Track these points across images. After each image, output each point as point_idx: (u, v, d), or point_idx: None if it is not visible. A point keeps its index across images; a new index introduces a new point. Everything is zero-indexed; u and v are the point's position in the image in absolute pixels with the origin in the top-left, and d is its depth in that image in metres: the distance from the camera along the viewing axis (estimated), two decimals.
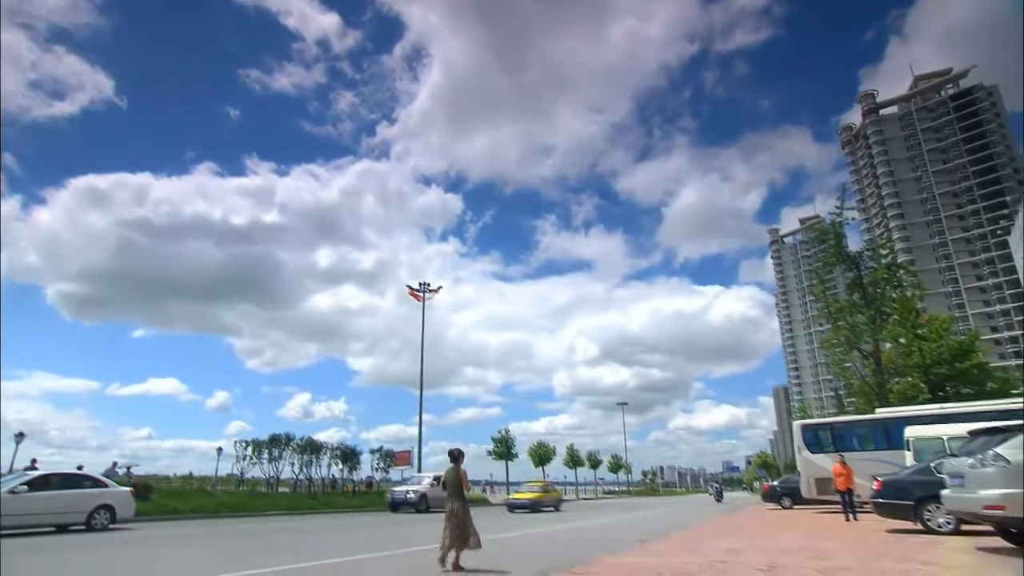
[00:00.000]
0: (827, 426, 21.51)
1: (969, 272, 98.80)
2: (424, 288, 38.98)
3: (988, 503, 7.56)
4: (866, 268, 28.56)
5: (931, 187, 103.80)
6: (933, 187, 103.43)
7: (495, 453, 41.99)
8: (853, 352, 28.62)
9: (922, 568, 6.64)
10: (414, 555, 9.02)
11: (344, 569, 7.82)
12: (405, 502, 24.05)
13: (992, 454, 7.71)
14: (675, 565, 7.23)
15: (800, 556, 8.00)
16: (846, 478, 15.68)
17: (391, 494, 25.39)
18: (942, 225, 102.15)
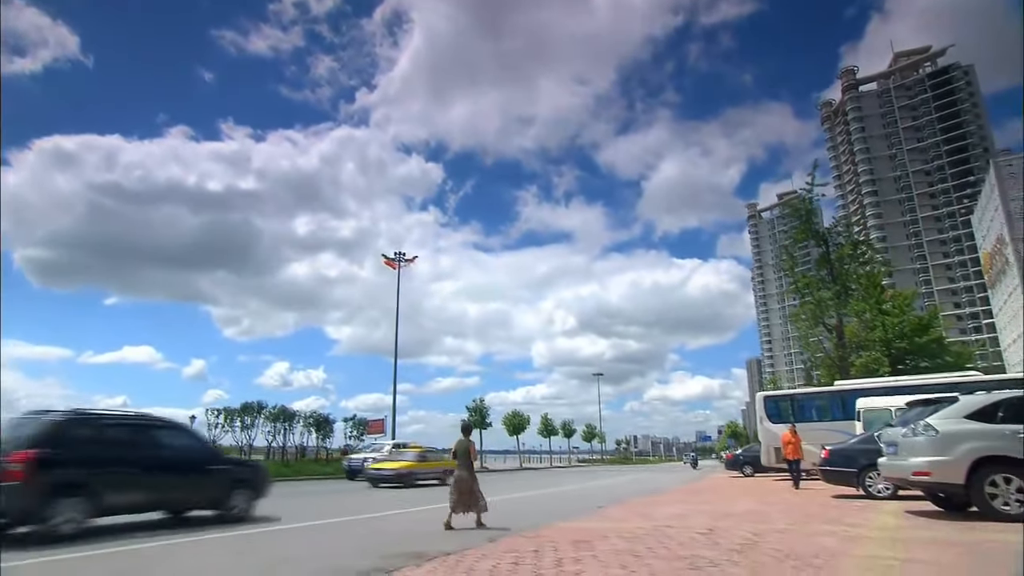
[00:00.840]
0: (788, 397, 22.23)
1: (937, 249, 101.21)
2: (399, 257, 38.81)
3: (916, 469, 8.00)
4: (834, 244, 29.17)
5: (905, 165, 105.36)
6: (907, 165, 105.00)
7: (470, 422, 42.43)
8: (818, 326, 29.41)
9: (848, 529, 7.04)
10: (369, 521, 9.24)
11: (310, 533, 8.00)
12: (362, 470, 23.15)
13: (923, 424, 8.12)
14: (623, 529, 7.55)
15: (742, 520, 8.40)
16: (794, 447, 15.97)
17: (347, 462, 24.67)
18: (914, 203, 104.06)
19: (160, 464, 8.43)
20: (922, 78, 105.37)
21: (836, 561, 5.02)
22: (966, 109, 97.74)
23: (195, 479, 8.93)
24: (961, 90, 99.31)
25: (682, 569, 4.75)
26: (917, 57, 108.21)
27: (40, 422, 7.63)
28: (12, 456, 6.85)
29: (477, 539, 6.94)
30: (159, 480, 8.36)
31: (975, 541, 5.97)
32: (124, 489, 7.89)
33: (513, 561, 5.32)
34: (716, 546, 5.91)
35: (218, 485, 9.13)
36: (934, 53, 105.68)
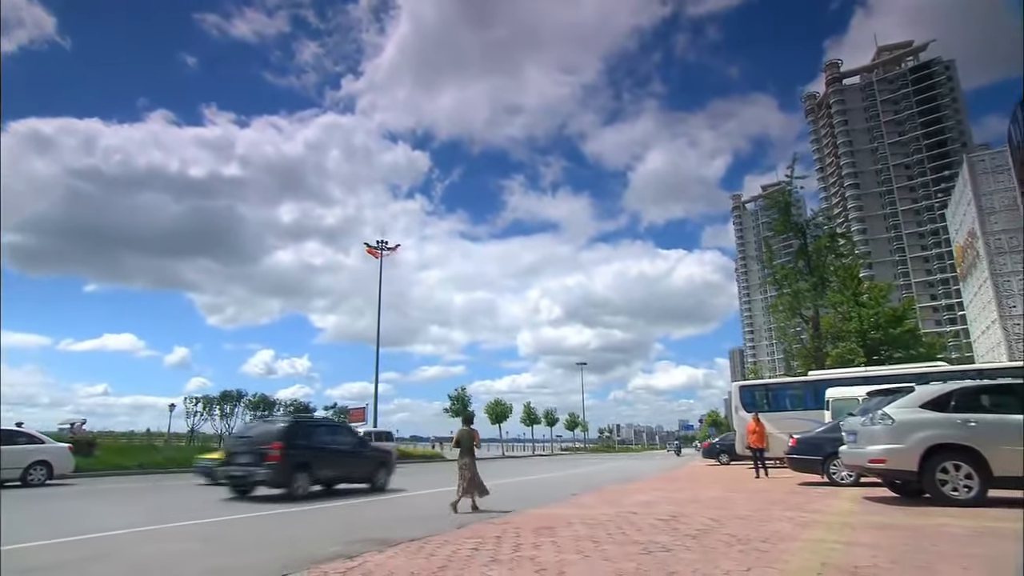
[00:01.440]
0: (762, 387, 22.63)
1: (915, 242, 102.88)
2: (381, 246, 38.67)
3: (872, 457, 8.26)
4: (812, 237, 29.58)
5: (886, 158, 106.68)
6: (888, 159, 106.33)
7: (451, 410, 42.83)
8: (795, 317, 29.89)
9: (805, 515, 7.27)
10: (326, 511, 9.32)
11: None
12: None
13: (880, 413, 8.37)
14: (588, 515, 7.71)
15: (706, 507, 8.61)
16: (758, 436, 15.94)
17: None
18: (894, 196, 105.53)
19: (341, 452, 12.21)
20: (904, 72, 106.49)
21: (783, 545, 5.20)
22: (946, 104, 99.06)
23: (359, 462, 12.60)
24: (942, 85, 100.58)
25: (635, 554, 4.90)
26: (900, 51, 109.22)
27: (280, 425, 11.65)
28: (272, 445, 10.62)
29: (447, 524, 7.08)
30: (342, 462, 12.10)
31: (919, 525, 6.20)
32: (326, 468, 11.62)
33: (474, 547, 5.44)
34: (674, 532, 6.08)
35: (370, 465, 12.83)
36: (916, 48, 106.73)
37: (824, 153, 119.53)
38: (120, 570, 5.08)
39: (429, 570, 4.48)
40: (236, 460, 10.91)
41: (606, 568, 4.37)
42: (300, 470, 10.78)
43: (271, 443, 10.65)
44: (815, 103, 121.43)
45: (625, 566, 4.42)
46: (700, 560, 4.57)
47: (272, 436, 10.92)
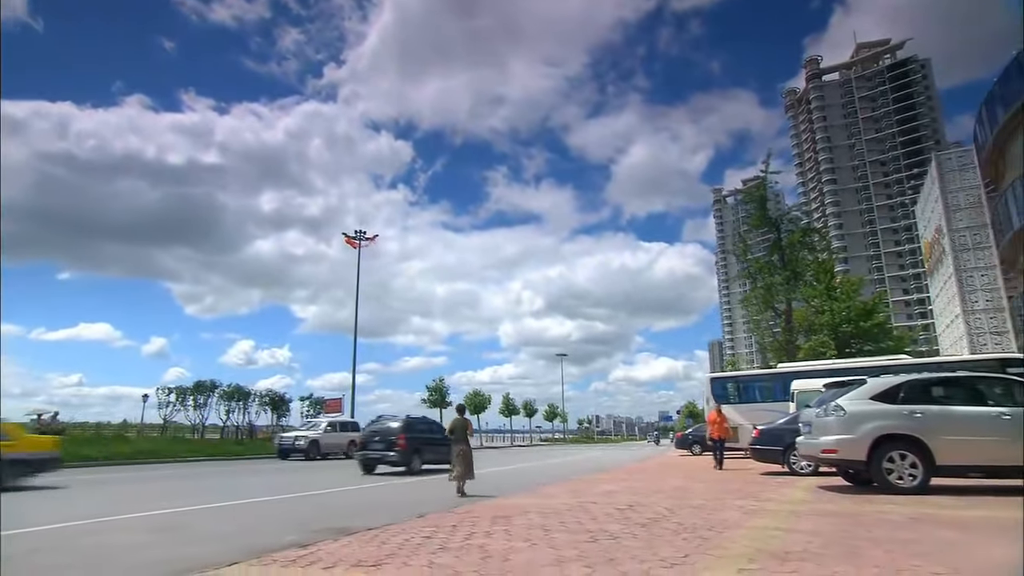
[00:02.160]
0: (734, 379, 23.05)
1: (889, 238, 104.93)
2: (360, 236, 38.41)
3: (825, 447, 8.51)
4: (785, 231, 30.04)
5: (863, 155, 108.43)
6: (865, 155, 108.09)
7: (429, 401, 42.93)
8: (768, 310, 30.39)
9: (757, 504, 7.48)
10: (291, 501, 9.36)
11: None
12: (294, 449, 22.73)
13: (833, 405, 8.62)
14: (548, 505, 7.85)
15: (666, 496, 8.80)
16: (719, 426, 15.79)
17: (279, 440, 23.93)
18: (869, 192, 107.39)
19: (434, 441, 15.41)
20: (881, 70, 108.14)
21: (727, 532, 5.37)
22: (921, 102, 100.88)
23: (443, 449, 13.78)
24: (917, 83, 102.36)
25: (582, 542, 5.02)
26: (878, 49, 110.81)
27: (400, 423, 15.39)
28: (399, 436, 14.82)
29: (407, 513, 7.17)
30: (436, 450, 15.05)
31: (860, 512, 6.44)
32: (429, 453, 15.30)
33: (428, 535, 5.53)
34: (626, 521, 6.23)
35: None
36: (893, 46, 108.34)
37: (803, 148, 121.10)
38: (65, 562, 5.06)
39: (377, 557, 4.56)
40: (371, 446, 15.22)
41: (550, 555, 4.49)
42: (415, 454, 15.09)
43: (398, 435, 14.93)
44: (795, 99, 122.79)
45: (568, 553, 4.54)
46: (643, 547, 4.70)
47: (397, 430, 15.11)
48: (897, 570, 3.75)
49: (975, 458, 7.95)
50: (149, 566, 4.63)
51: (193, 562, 4.49)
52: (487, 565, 4.22)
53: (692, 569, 3.91)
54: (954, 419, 8.02)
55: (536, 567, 4.11)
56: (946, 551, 4.35)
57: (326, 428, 23.64)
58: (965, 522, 5.70)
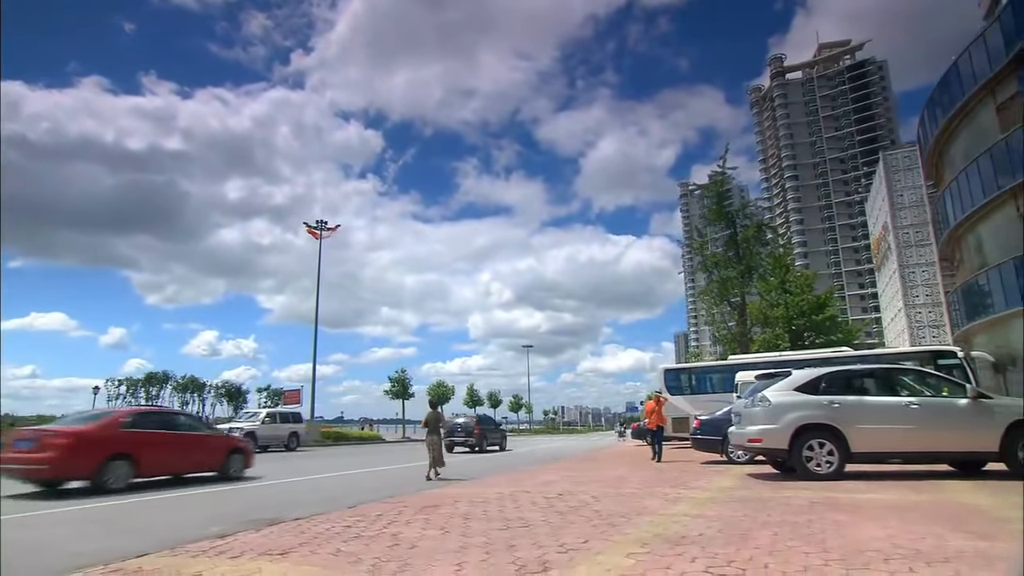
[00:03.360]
0: (686, 370, 23.61)
1: (847, 233, 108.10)
2: (321, 226, 37.92)
3: (750, 437, 8.88)
4: (741, 226, 30.74)
5: (823, 152, 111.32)
6: (825, 152, 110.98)
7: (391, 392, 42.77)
8: (723, 303, 31.09)
9: (682, 492, 7.77)
10: None
11: None
12: None
13: (759, 396, 8.98)
14: (480, 494, 8.01)
15: (601, 485, 9.06)
16: (657, 416, 14.92)
17: None
18: (829, 189, 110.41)
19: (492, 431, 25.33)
20: (842, 70, 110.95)
21: (638, 519, 5.59)
22: (878, 102, 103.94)
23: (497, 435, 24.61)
24: (875, 84, 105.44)
25: (494, 530, 5.18)
26: (838, 50, 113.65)
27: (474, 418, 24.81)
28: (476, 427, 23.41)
29: (343, 503, 7.25)
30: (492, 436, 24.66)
31: (770, 498, 6.76)
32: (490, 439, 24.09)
33: (348, 524, 5.62)
34: (548, 509, 6.42)
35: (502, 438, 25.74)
36: (853, 47, 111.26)
37: (767, 145, 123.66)
38: None
39: (288, 546, 4.64)
40: (456, 435, 22.77)
41: (457, 543, 4.63)
42: (485, 439, 23.42)
43: (475, 426, 23.48)
44: (760, 96, 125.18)
45: (475, 540, 4.70)
46: (549, 534, 4.89)
47: (473, 424, 23.68)
48: (771, 551, 4.00)
49: (885, 445, 8.40)
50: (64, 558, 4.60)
51: (109, 554, 4.50)
52: (391, 551, 4.34)
53: (586, 554, 4.09)
54: (867, 409, 8.45)
55: (438, 553, 4.25)
56: (828, 532, 4.63)
57: (264, 419, 22.85)
58: (858, 505, 6.05)
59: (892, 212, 46.84)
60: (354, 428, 38.04)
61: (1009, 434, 7.99)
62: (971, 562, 3.58)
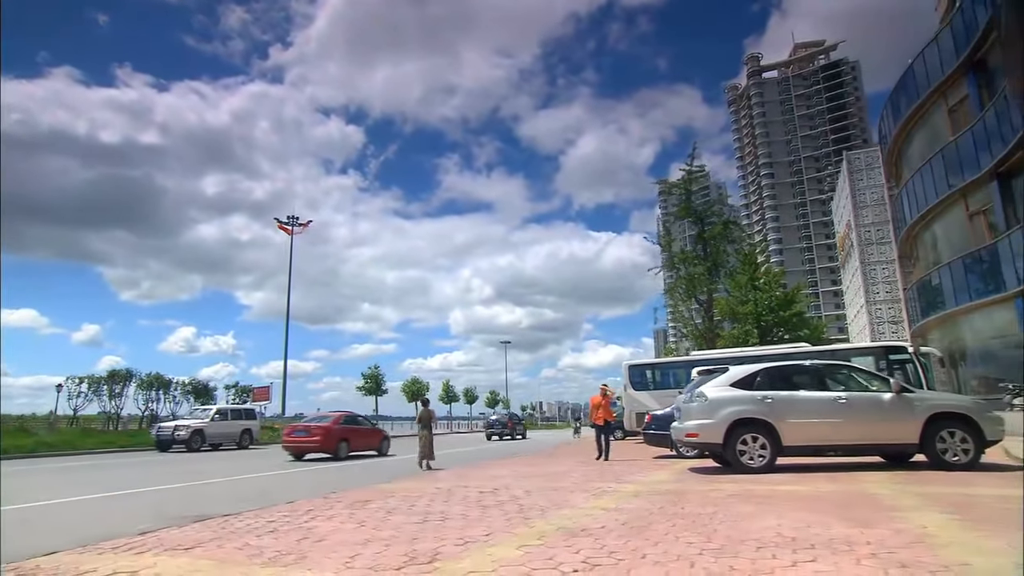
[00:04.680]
0: (650, 366, 23.93)
1: (821, 231, 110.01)
2: (293, 222, 37.61)
3: (687, 432, 9.11)
4: (708, 223, 31.16)
5: (798, 150, 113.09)
6: (799, 150, 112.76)
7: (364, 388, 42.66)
8: (691, 300, 31.54)
9: (615, 486, 7.96)
10: None
11: None
12: (173, 440, 21.00)
13: (697, 392, 9.21)
14: (417, 488, 8.14)
15: (540, 480, 9.23)
16: (604, 411, 13.72)
17: (156, 431, 21.96)
18: (803, 186, 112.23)
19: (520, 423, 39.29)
20: (816, 70, 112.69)
21: (554, 511, 5.75)
22: (851, 102, 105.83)
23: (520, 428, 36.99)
24: (848, 84, 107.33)
25: (409, 523, 5.29)
26: (813, 50, 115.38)
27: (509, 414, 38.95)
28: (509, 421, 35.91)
29: (282, 499, 7.31)
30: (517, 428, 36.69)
31: (691, 491, 6.98)
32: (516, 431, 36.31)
33: (272, 520, 5.69)
34: (475, 503, 6.56)
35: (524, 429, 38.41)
36: (827, 47, 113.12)
37: (744, 143, 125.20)
38: None
39: (202, 541, 4.71)
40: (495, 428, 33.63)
41: (366, 535, 4.74)
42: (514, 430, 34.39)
43: (508, 421, 34.85)
44: (737, 94, 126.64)
45: (384, 533, 4.81)
46: (460, 527, 5.01)
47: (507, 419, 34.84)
48: (657, 542, 4.18)
49: (815, 438, 8.69)
50: None
51: (19, 553, 4.51)
52: (297, 545, 4.43)
53: (481, 547, 4.22)
54: (799, 403, 8.73)
55: (341, 546, 4.35)
56: (725, 523, 4.82)
57: (214, 416, 22.23)
58: (771, 496, 6.28)
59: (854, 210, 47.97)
60: None
61: (928, 427, 8.33)
62: (836, 548, 3.79)
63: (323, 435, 16.36)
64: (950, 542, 3.89)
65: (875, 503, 5.69)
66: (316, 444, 16.21)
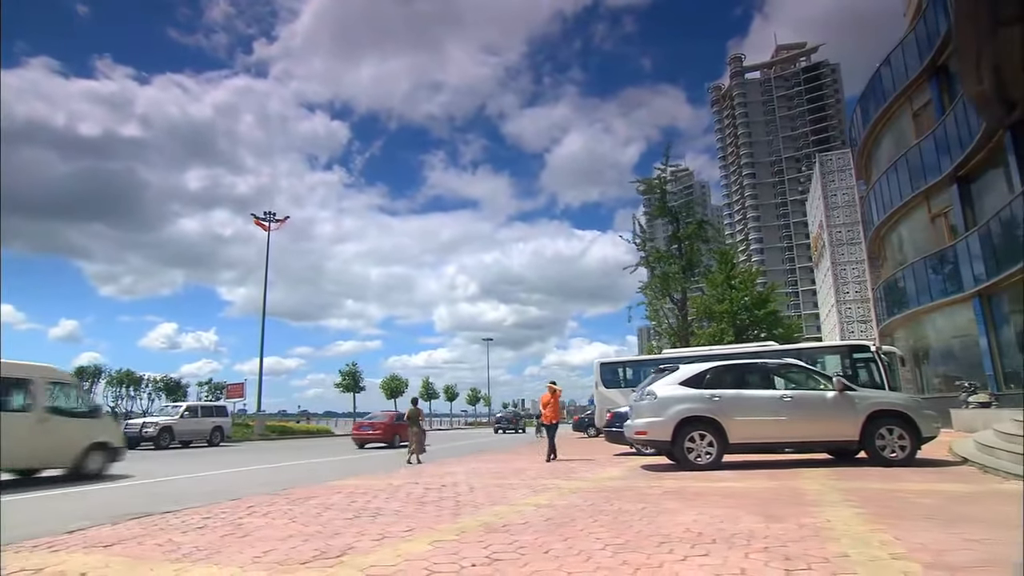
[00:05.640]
0: (621, 364, 24.08)
1: (801, 230, 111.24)
2: (269, 217, 37.26)
3: (637, 429, 9.25)
4: (683, 223, 31.44)
5: (779, 151, 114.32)
6: (781, 151, 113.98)
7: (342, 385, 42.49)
8: (665, 298, 31.80)
9: (562, 483, 8.07)
10: None
11: None
12: (141, 437, 20.61)
13: (647, 390, 9.36)
14: (364, 486, 8.17)
15: (492, 477, 9.32)
16: (552, 409, 12.68)
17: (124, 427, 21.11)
18: (784, 187, 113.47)
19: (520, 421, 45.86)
20: (798, 72, 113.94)
21: (486, 509, 5.84)
22: (831, 104, 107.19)
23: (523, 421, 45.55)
24: (828, 86, 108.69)
25: (339, 519, 5.36)
26: (795, 52, 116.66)
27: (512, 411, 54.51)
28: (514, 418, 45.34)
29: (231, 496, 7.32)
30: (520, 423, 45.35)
31: (631, 488, 7.12)
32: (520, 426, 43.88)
33: (208, 516, 5.72)
34: (415, 500, 6.64)
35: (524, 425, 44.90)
36: (809, 49, 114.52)
37: (727, 143, 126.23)
38: None
39: (126, 538, 4.73)
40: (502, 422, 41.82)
41: (289, 531, 4.79)
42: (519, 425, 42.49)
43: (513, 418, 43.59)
44: (720, 94, 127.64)
45: (309, 529, 4.87)
46: (387, 524, 5.09)
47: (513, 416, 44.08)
48: (567, 537, 4.29)
49: (761, 436, 8.89)
50: None
51: None
52: (220, 541, 4.48)
53: (395, 542, 4.31)
54: (745, 402, 8.91)
55: (261, 541, 4.40)
56: (644, 519, 4.95)
57: (184, 413, 22.12)
58: (704, 493, 6.43)
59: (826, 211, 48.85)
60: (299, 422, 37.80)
61: (868, 424, 8.55)
62: (735, 542, 3.92)
63: (383, 429, 21.26)
64: (843, 535, 4.05)
65: (799, 499, 5.86)
66: (378, 436, 21.00)
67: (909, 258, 22.11)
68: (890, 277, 23.88)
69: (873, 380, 17.80)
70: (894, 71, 21.31)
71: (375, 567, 3.53)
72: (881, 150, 23.88)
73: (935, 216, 20.40)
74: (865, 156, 25.72)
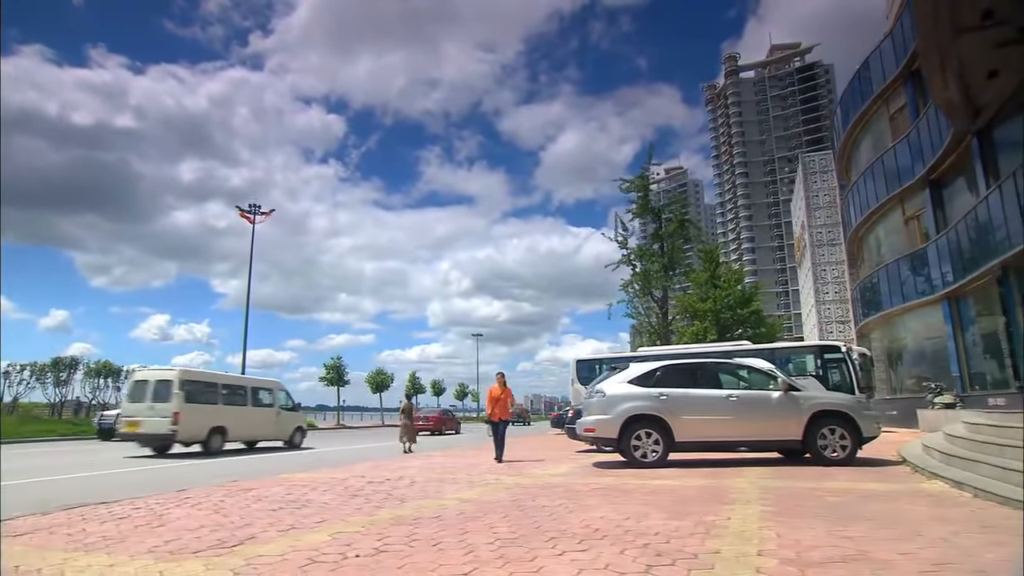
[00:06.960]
0: (598, 361, 24.19)
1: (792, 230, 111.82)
2: (255, 210, 37.19)
3: (586, 427, 9.37)
4: (666, 221, 31.60)
5: (773, 151, 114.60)
6: (774, 151, 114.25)
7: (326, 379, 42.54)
8: (647, 296, 31.97)
9: (503, 478, 8.19)
10: None
11: None
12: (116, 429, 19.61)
13: (596, 388, 9.47)
14: (312, 479, 8.28)
15: (442, 472, 9.45)
16: (502, 406, 11.45)
17: (99, 419, 21.73)
18: (777, 187, 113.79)
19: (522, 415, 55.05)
20: (791, 72, 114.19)
21: (412, 503, 5.95)
22: (824, 104, 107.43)
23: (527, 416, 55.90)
24: (821, 86, 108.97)
25: (264, 511, 5.45)
26: (789, 52, 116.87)
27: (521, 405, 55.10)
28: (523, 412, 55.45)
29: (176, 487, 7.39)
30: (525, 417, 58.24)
31: (567, 485, 7.24)
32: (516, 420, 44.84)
33: (137, 507, 5.79)
34: (352, 493, 6.74)
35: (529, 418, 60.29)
36: (803, 50, 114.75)
37: (720, 142, 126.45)
38: None
39: (41, 527, 4.80)
40: None
41: (206, 521, 4.89)
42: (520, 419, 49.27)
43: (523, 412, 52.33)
44: (714, 93, 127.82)
45: (227, 520, 4.97)
46: (308, 515, 5.20)
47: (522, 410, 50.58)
48: (464, 532, 4.39)
49: (706, 434, 9.01)
50: None
51: None
52: (132, 531, 4.57)
53: (300, 532, 4.41)
54: (691, 400, 9.03)
55: (170, 531, 4.49)
56: (556, 516, 5.05)
57: None
58: (635, 490, 6.54)
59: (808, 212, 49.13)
60: None
61: (811, 424, 8.70)
62: (622, 538, 4.03)
63: (434, 422, 30.14)
64: (731, 533, 4.17)
65: (719, 497, 5.97)
66: (429, 427, 29.06)
67: (885, 259, 22.32)
68: (867, 278, 24.09)
69: (844, 380, 18.02)
70: (872, 74, 21.45)
71: (262, 557, 3.62)
72: (860, 152, 24.05)
73: (909, 219, 20.59)
74: (845, 158, 25.89)
